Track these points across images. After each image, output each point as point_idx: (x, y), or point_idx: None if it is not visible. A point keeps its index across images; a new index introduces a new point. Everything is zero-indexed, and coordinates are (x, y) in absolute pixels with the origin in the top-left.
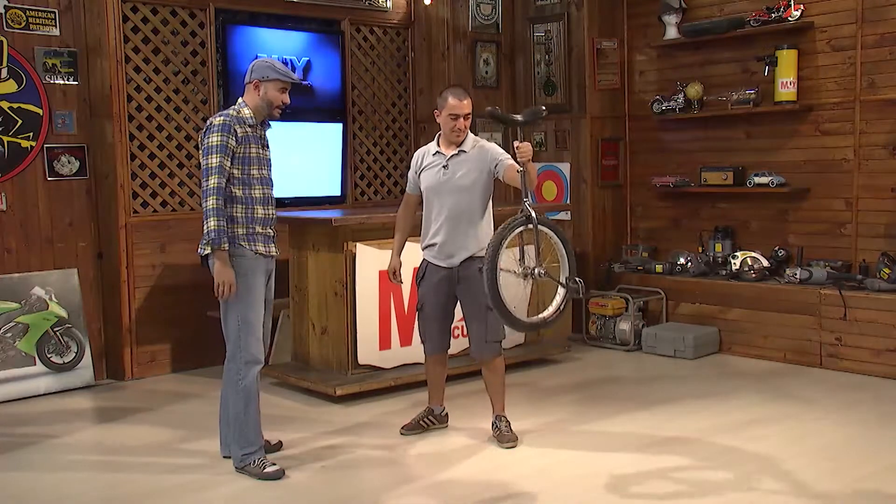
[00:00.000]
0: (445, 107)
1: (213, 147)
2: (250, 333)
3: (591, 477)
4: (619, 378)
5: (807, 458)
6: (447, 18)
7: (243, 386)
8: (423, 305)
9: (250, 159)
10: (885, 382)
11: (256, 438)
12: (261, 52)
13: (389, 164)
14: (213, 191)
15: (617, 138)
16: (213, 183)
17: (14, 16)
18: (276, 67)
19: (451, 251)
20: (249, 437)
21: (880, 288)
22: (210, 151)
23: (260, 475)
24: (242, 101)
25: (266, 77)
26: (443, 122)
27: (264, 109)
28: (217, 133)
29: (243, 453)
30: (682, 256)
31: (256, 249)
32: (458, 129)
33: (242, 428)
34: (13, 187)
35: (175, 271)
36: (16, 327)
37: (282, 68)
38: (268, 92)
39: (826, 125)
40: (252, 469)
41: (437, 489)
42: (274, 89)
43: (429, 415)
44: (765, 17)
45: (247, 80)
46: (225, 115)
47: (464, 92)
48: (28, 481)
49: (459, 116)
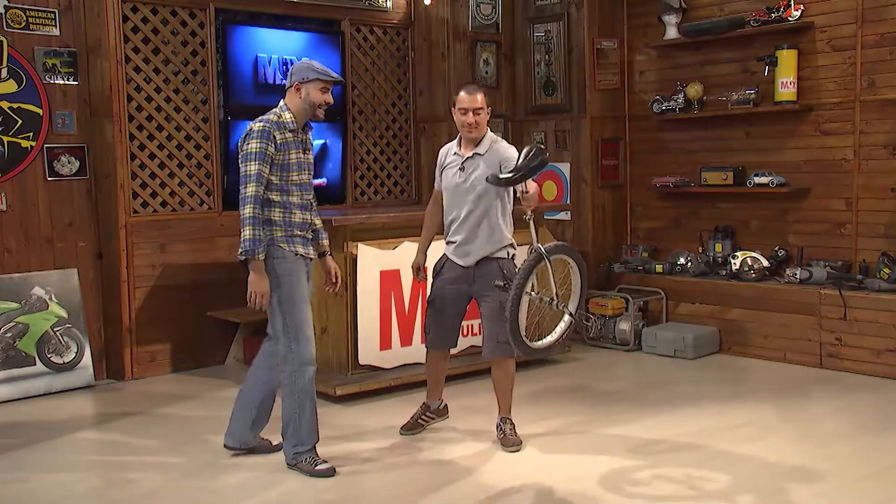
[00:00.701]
0: (456, 101)
1: (251, 154)
2: (300, 335)
3: (591, 478)
4: (620, 378)
5: (806, 458)
6: (447, 18)
7: (299, 387)
8: (434, 300)
9: (290, 165)
10: (885, 382)
11: (310, 438)
12: (261, 53)
13: (389, 164)
14: (250, 199)
15: (617, 138)
16: (250, 191)
17: (14, 16)
18: (315, 67)
19: (468, 251)
20: (302, 437)
21: (880, 288)
22: (248, 158)
23: (312, 472)
24: (284, 104)
25: (306, 78)
26: (456, 119)
27: (307, 111)
28: (256, 140)
29: (295, 451)
30: (682, 256)
31: (296, 251)
32: (467, 124)
33: (296, 427)
34: (13, 187)
35: (175, 271)
36: (16, 327)
37: (321, 68)
38: (309, 93)
39: (826, 125)
40: (304, 466)
41: (437, 489)
42: (315, 89)
43: (425, 411)
44: (765, 17)
45: (287, 84)
46: (265, 122)
47: (476, 87)
48: (28, 481)
49: (469, 111)
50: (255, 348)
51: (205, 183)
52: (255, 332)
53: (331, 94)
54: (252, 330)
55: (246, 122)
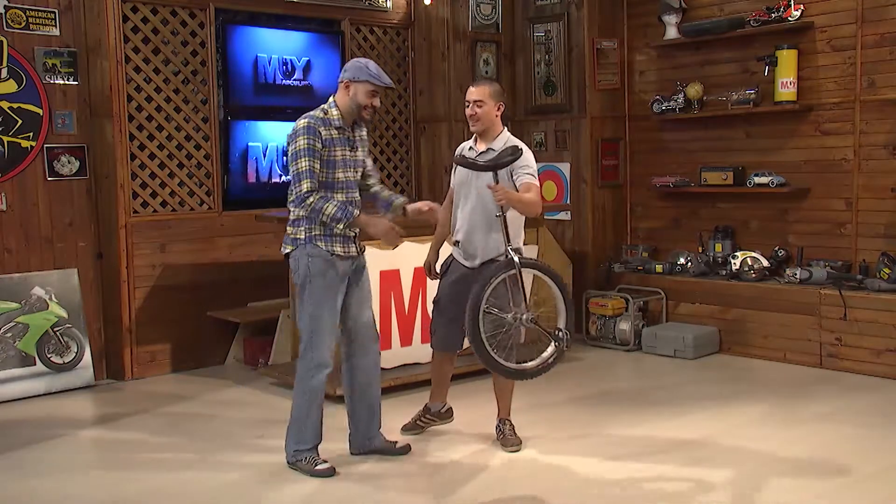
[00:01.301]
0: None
1: (300, 151)
2: (322, 335)
3: (591, 478)
4: (620, 378)
5: (807, 458)
6: (447, 18)
7: (310, 387)
8: (439, 299)
9: (335, 162)
10: (885, 382)
11: (313, 438)
12: (261, 53)
13: (389, 164)
14: (306, 194)
15: (617, 138)
16: (305, 187)
17: (14, 16)
18: (369, 70)
19: (472, 251)
20: (306, 436)
21: (880, 288)
22: (298, 156)
23: (312, 472)
24: (333, 100)
25: (357, 78)
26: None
27: (353, 111)
28: (303, 136)
29: (296, 449)
30: (682, 256)
31: (333, 250)
32: (469, 115)
33: (301, 426)
34: (13, 187)
35: (175, 271)
36: (16, 327)
37: (375, 71)
38: (357, 93)
39: (826, 125)
40: (304, 466)
41: (437, 490)
42: (363, 91)
43: (426, 413)
44: (765, 17)
45: (339, 79)
46: (309, 118)
47: (485, 82)
48: (28, 482)
49: (470, 103)
50: (255, 348)
51: (205, 183)
52: (255, 332)
53: (378, 98)
54: (252, 330)
55: (246, 122)
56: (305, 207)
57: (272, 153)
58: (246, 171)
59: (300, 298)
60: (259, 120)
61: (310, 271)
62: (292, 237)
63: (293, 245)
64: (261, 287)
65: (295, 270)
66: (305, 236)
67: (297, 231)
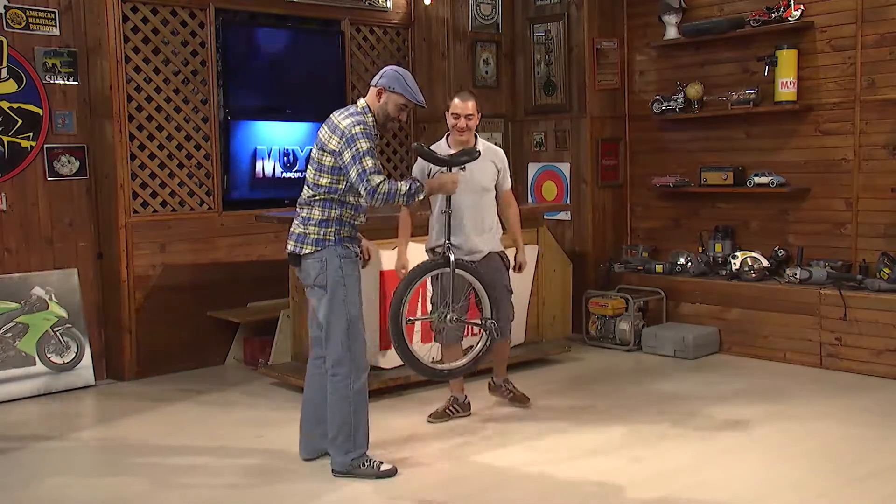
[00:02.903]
0: (450, 106)
1: (365, 152)
2: (359, 338)
3: (591, 478)
4: (620, 378)
5: (807, 458)
6: (447, 18)
7: (355, 391)
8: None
9: None
10: (885, 382)
11: (365, 442)
12: (261, 54)
13: (389, 164)
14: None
15: (617, 138)
16: (369, 164)
17: (14, 16)
18: (405, 82)
19: (472, 247)
20: (359, 441)
21: (880, 288)
22: (363, 156)
23: (377, 474)
24: (366, 104)
25: (392, 88)
26: (448, 122)
27: (381, 119)
28: (363, 140)
29: (352, 457)
30: (682, 256)
31: (358, 252)
32: (459, 128)
33: (352, 433)
34: (13, 187)
35: (175, 271)
36: (16, 327)
37: (411, 85)
38: (388, 103)
39: (826, 125)
40: (366, 470)
41: (436, 491)
42: (394, 103)
43: (454, 403)
44: (765, 17)
45: (373, 83)
46: (362, 124)
47: (469, 95)
48: (28, 482)
49: (461, 116)
50: (255, 348)
51: (205, 183)
52: (256, 332)
53: (406, 114)
54: (252, 330)
55: (246, 122)
56: (379, 197)
57: (273, 154)
58: (246, 171)
59: (329, 301)
60: (259, 120)
61: (343, 272)
62: (316, 237)
63: (318, 246)
64: (261, 287)
65: (321, 271)
66: (335, 237)
67: (324, 232)
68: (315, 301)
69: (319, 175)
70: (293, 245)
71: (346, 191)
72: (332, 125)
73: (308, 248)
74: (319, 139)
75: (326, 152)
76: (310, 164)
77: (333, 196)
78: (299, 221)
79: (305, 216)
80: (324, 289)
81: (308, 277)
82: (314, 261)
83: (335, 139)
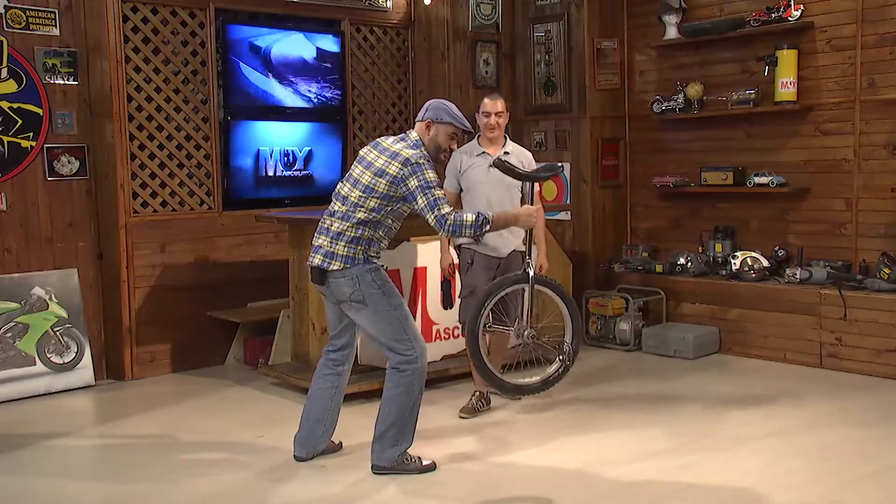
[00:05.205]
0: (481, 106)
1: (431, 182)
2: (419, 336)
3: (591, 478)
4: (620, 378)
5: (807, 457)
6: (447, 18)
7: (417, 389)
8: (472, 292)
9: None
10: (885, 382)
11: (411, 437)
12: (261, 54)
13: None
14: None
15: (617, 138)
16: (445, 212)
17: (14, 16)
18: (451, 111)
19: (498, 244)
20: (407, 437)
21: (880, 288)
22: (431, 186)
23: (421, 469)
24: (419, 138)
25: (440, 119)
26: (479, 121)
27: (433, 151)
28: (429, 170)
29: (400, 452)
30: (682, 256)
31: (383, 264)
32: (490, 126)
33: (403, 428)
34: (13, 187)
35: (175, 271)
36: (16, 327)
37: (458, 114)
38: (438, 134)
39: (826, 125)
40: (411, 466)
41: (437, 491)
42: (445, 133)
43: (482, 398)
44: (765, 17)
45: (419, 118)
46: (424, 156)
47: (498, 94)
48: (27, 482)
49: (492, 114)
50: (255, 348)
51: (205, 183)
52: (256, 332)
53: (457, 142)
54: (252, 330)
55: (246, 122)
56: (447, 227)
57: (273, 154)
58: (246, 171)
59: (374, 313)
60: (259, 120)
61: (378, 283)
62: (345, 255)
63: (347, 263)
64: (261, 287)
65: (355, 288)
66: (363, 255)
67: (354, 250)
68: (353, 314)
69: (367, 198)
70: (321, 260)
71: (388, 214)
72: (388, 152)
73: (336, 265)
74: (370, 162)
75: (381, 178)
76: (348, 182)
77: (376, 217)
78: (330, 237)
79: (337, 231)
80: (362, 303)
81: (342, 294)
82: (345, 279)
83: (396, 165)
